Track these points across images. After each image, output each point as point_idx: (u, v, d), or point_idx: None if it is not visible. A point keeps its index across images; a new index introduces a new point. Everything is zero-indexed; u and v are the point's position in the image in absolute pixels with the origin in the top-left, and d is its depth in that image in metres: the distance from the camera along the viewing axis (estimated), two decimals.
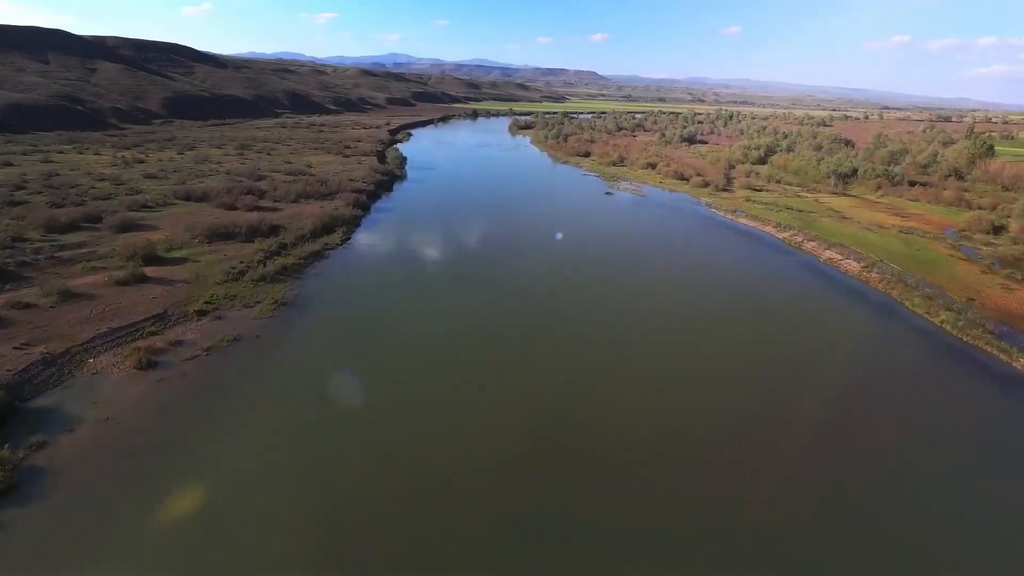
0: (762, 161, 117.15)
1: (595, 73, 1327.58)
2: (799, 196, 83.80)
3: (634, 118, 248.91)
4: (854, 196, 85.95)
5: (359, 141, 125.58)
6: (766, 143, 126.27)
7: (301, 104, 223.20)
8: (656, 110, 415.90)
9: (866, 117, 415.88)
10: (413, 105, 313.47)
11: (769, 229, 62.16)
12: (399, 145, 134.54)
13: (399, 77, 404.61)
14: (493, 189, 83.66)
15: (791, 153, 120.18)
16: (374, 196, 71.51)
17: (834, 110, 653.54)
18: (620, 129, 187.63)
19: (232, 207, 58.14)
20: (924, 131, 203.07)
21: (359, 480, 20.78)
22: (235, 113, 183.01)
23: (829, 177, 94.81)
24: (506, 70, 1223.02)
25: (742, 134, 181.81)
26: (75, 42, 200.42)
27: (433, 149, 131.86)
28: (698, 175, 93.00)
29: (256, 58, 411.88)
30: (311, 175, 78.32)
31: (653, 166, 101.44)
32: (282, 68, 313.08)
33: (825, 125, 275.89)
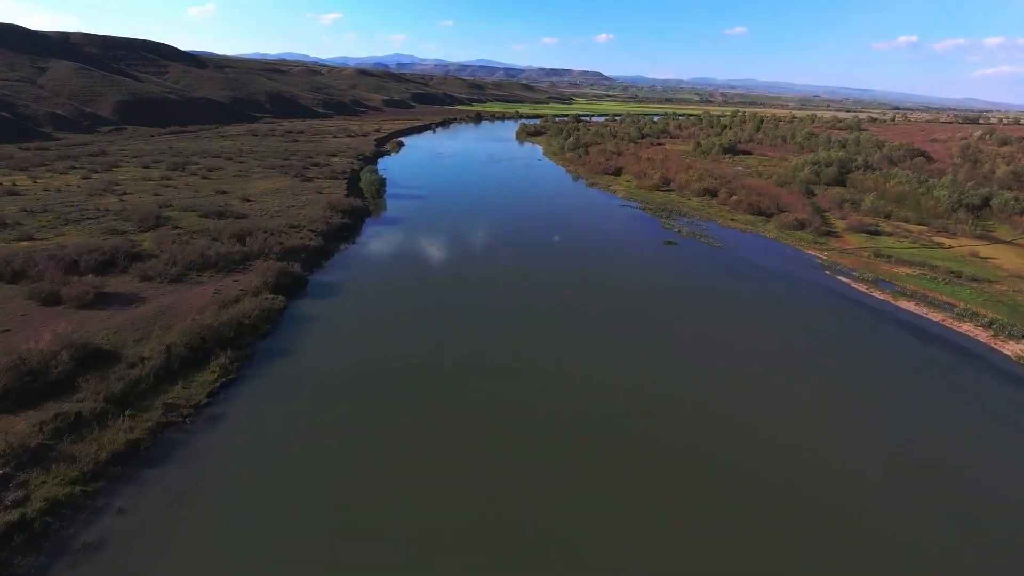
0: (840, 181, 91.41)
1: (600, 73, 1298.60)
2: (934, 243, 58.08)
3: (653, 121, 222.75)
4: (1009, 242, 60.15)
5: (334, 156, 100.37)
6: (838, 157, 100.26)
7: (285, 107, 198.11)
8: (670, 112, 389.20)
9: (892, 119, 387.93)
10: (412, 107, 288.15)
11: (970, 329, 36.44)
12: (385, 159, 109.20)
13: (398, 78, 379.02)
14: (505, 234, 58.13)
15: (875, 172, 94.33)
16: (320, 257, 46.15)
17: (856, 111, 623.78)
18: (643, 136, 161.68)
19: (53, 298, 32.96)
20: (983, 136, 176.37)
21: None
22: (205, 118, 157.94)
23: (956, 211, 68.98)
24: (510, 71, 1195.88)
25: (785, 141, 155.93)
26: (31, 38, 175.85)
27: (426, 165, 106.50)
28: (780, 209, 67.42)
29: (260, 59, 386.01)
30: (238, 217, 53.05)
31: (714, 193, 75.71)
32: (272, 68, 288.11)
33: (860, 129, 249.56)
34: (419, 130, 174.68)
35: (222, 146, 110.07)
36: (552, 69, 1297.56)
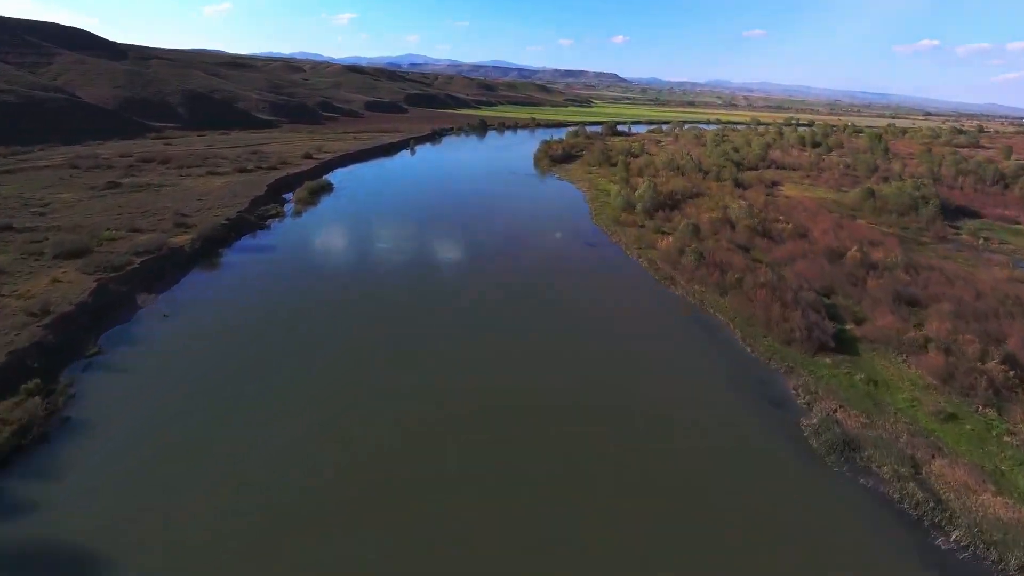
0: None
1: (616, 75, 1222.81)
2: None
3: (715, 131, 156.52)
4: None
5: (62, 266, 37.99)
6: None
7: (209, 112, 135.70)
8: (708, 117, 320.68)
9: (980, 130, 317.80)
10: (403, 111, 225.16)
11: None
12: (238, 249, 46.13)
13: (395, 76, 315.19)
14: None
15: None
16: None
17: (892, 117, 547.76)
18: (739, 166, 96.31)
19: None
20: None
21: None
22: (45, 130, 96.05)
23: None
24: (524, 71, 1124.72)
25: (985, 182, 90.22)
26: None
27: (315, 282, 43.65)
28: None
29: (266, 57, 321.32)
30: None
31: None
32: (232, 63, 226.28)
33: (976, 146, 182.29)
34: (386, 151, 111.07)
35: None
36: (567, 70, 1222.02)
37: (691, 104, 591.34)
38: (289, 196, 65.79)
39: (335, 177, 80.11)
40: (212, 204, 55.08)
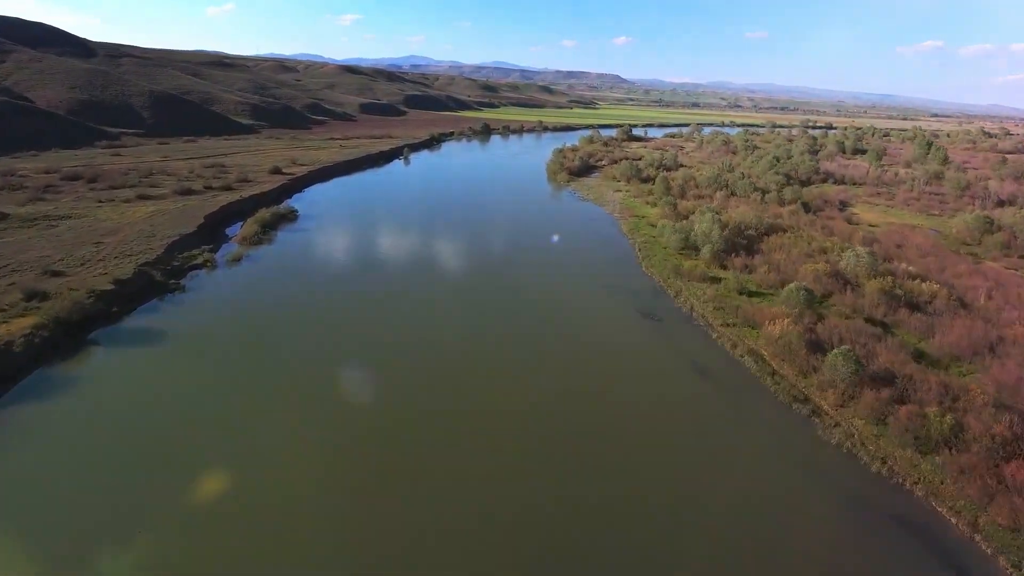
0: None
1: (618, 76, 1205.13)
2: None
3: (748, 138, 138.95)
4: None
5: None
6: None
7: (177, 116, 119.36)
8: (727, 120, 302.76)
9: (1007, 133, 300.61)
10: (402, 114, 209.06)
11: None
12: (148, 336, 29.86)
13: (393, 77, 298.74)
14: None
15: None
16: None
17: (902, 118, 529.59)
18: (789, 179, 79.46)
19: None
20: None
21: None
22: None
23: None
24: (526, 73, 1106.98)
25: None
26: None
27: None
28: None
29: (264, 58, 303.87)
30: None
31: None
32: (218, 62, 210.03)
33: None
34: (375, 161, 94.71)
35: None
36: (569, 71, 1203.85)
37: (695, 105, 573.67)
38: (236, 229, 49.61)
39: (307, 197, 63.95)
40: (111, 251, 38.87)
